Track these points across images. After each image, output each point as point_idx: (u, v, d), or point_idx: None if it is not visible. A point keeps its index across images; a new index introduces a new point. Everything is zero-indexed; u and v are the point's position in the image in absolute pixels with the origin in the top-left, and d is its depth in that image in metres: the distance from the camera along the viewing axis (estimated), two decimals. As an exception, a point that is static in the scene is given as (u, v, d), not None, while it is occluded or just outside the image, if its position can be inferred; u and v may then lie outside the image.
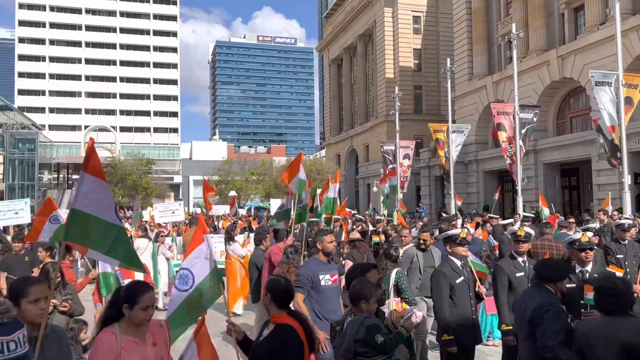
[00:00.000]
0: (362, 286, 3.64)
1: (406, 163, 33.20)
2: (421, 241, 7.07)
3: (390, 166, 33.08)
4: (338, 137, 57.83)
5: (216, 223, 21.89)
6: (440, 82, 42.48)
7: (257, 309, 7.37)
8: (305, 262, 5.90)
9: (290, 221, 9.07)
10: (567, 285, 4.13)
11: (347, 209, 18.23)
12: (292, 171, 8.91)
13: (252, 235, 13.16)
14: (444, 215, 24.11)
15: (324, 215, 12.15)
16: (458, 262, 5.15)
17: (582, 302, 4.14)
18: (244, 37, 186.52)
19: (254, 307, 7.84)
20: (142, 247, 9.91)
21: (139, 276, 4.76)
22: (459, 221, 13.34)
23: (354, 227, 13.25)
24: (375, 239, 11.41)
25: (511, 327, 4.70)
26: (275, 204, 16.72)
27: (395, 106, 31.81)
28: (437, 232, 8.49)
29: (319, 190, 13.60)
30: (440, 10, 44.83)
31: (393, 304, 5.41)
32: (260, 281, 7.02)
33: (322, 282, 4.90)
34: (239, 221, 19.80)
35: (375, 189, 36.82)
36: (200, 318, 3.55)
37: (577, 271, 4.92)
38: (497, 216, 14.69)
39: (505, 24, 31.23)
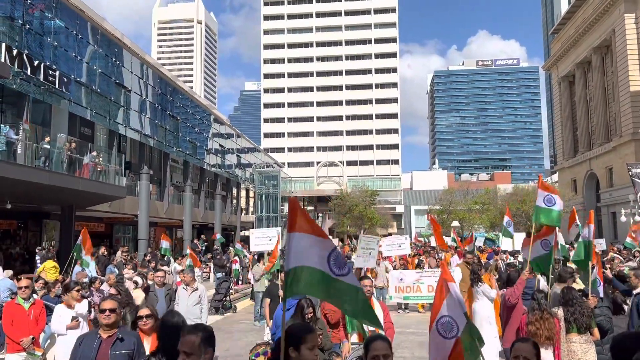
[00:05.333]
0: None
1: (663, 188, 28.41)
2: None
3: (643, 192, 28.66)
4: (573, 160, 52.34)
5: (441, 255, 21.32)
6: None
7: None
8: None
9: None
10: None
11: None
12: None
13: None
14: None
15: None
16: None
17: None
18: (462, 64, 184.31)
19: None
20: None
21: (379, 315, 4.90)
22: None
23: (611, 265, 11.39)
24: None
25: None
26: (506, 239, 15.62)
27: (645, 123, 27.67)
28: None
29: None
30: (702, 5, 37.81)
31: None
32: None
33: None
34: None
35: (623, 218, 32.08)
36: None
37: None
38: None
39: None
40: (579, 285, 7.80)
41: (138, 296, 9.32)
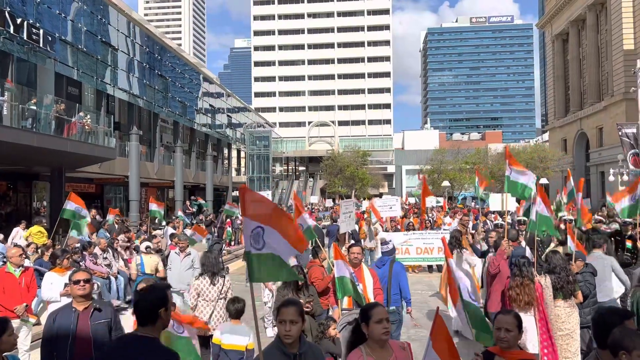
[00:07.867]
0: (624, 335, 3.13)
1: (652, 148, 28.67)
2: None
3: (632, 152, 28.91)
4: (564, 120, 52.40)
5: (431, 215, 21.12)
6: (699, 48, 35.27)
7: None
8: None
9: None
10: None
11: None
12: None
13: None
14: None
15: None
16: None
17: None
18: (456, 21, 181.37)
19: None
20: None
21: (369, 282, 4.99)
22: None
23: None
24: (628, 244, 9.40)
25: None
26: (495, 199, 15.78)
27: (636, 82, 27.71)
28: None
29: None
30: (700, -39, 37.12)
31: None
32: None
33: None
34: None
35: (612, 177, 32.46)
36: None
37: None
38: None
39: None
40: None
41: (154, 261, 8.98)
